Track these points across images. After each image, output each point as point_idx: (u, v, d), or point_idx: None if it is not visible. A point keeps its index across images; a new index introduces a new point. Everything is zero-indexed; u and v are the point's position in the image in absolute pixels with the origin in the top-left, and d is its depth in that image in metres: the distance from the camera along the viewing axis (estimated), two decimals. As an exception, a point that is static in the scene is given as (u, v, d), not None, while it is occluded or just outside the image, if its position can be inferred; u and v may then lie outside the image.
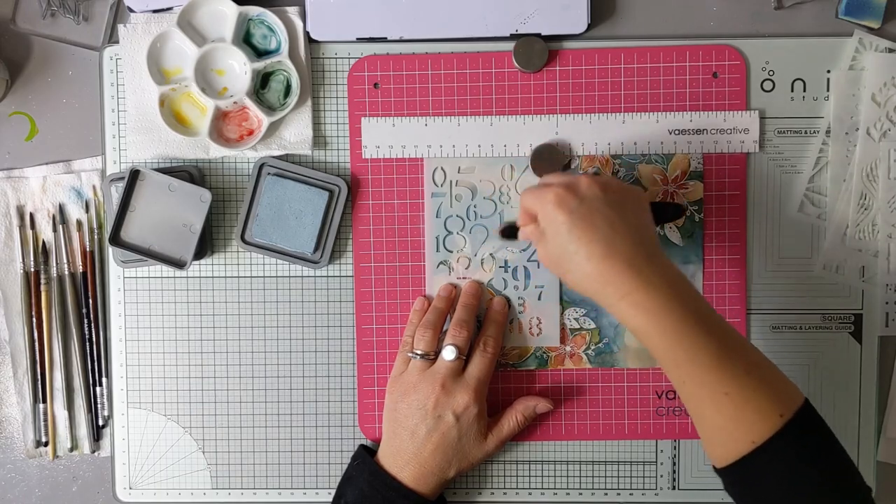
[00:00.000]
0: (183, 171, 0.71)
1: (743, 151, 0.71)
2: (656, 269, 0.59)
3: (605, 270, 0.58)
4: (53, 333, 0.74)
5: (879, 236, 0.72)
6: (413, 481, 0.68)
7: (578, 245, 0.59)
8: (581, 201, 0.60)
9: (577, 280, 0.60)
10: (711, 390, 0.57)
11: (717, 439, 0.59)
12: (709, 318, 0.59)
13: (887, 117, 0.71)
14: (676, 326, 0.58)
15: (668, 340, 0.58)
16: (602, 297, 0.60)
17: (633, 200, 0.62)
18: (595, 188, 0.60)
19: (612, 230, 0.59)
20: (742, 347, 0.59)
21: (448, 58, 0.72)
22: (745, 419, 0.57)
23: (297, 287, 0.73)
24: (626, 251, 0.59)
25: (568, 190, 0.60)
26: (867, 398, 0.73)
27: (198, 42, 0.70)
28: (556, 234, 0.60)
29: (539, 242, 0.62)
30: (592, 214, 0.59)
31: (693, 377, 0.58)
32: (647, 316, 0.58)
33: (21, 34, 0.73)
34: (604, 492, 0.74)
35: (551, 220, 0.60)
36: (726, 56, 0.71)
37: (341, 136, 0.73)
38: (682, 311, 0.58)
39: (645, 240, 0.60)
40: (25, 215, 0.74)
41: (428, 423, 0.68)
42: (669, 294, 0.58)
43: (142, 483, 0.74)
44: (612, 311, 0.60)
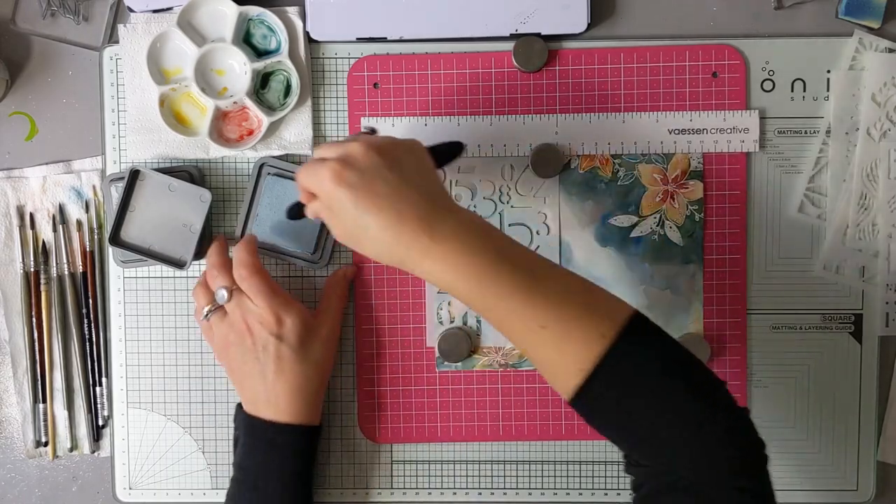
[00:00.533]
0: (183, 171, 0.71)
1: (743, 151, 0.71)
2: (448, 220, 0.58)
3: (401, 235, 0.57)
4: (53, 333, 0.74)
5: (879, 236, 0.72)
6: (287, 413, 0.67)
7: (368, 218, 0.57)
8: (360, 173, 0.58)
9: (378, 251, 0.59)
10: (529, 327, 0.56)
11: (552, 375, 0.57)
12: (513, 254, 0.58)
13: (887, 117, 0.71)
14: (479, 270, 0.56)
15: (474, 286, 0.57)
16: (407, 263, 0.58)
17: (411, 155, 0.60)
18: (371, 154, 0.58)
19: (397, 194, 0.57)
20: (553, 277, 0.58)
21: (448, 58, 0.72)
22: (570, 348, 0.55)
23: (297, 287, 0.73)
24: (416, 211, 0.57)
25: (344, 164, 0.58)
26: (867, 398, 0.73)
27: (198, 42, 0.70)
28: (342, 211, 0.58)
29: (330, 220, 0.60)
30: (374, 183, 0.57)
31: (509, 318, 0.57)
32: (450, 268, 0.57)
33: (21, 34, 0.73)
34: (604, 492, 0.74)
35: (334, 199, 0.58)
36: (726, 56, 0.71)
37: (341, 136, 0.73)
38: (483, 255, 0.57)
39: (433, 194, 0.59)
40: (25, 215, 0.74)
41: (260, 358, 0.66)
42: (466, 240, 0.57)
43: (142, 483, 0.74)
44: (421, 274, 0.58)
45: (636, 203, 0.72)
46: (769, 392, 0.73)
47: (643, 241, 0.72)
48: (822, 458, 0.73)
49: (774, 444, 0.73)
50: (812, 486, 0.73)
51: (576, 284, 0.58)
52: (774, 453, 0.73)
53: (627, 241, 0.72)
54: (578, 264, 0.72)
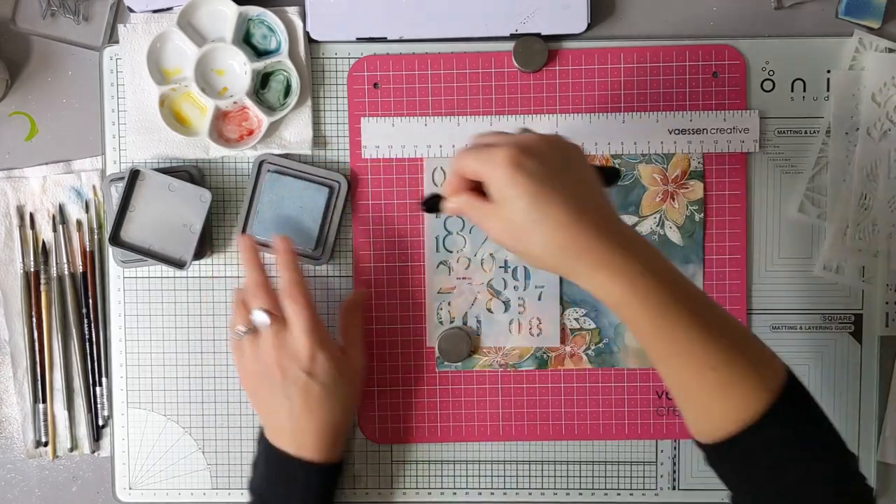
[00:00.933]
0: (183, 171, 0.71)
1: (743, 151, 0.71)
2: (627, 233, 0.54)
3: (577, 238, 0.52)
4: (53, 333, 0.74)
5: (879, 236, 0.72)
6: (311, 450, 0.65)
7: (545, 211, 0.52)
8: (541, 162, 0.52)
9: (543, 252, 0.53)
10: (699, 366, 0.53)
11: (704, 416, 0.55)
12: (689, 287, 0.54)
13: (887, 117, 0.71)
14: (659, 296, 0.52)
15: (651, 311, 0.52)
16: (575, 269, 0.53)
17: (583, 159, 0.56)
18: (550, 147, 0.53)
19: (578, 194, 0.53)
20: (725, 319, 0.55)
21: (448, 58, 0.72)
22: (733, 396, 0.53)
23: (297, 287, 0.73)
24: (595, 216, 0.53)
25: (522, 151, 0.52)
26: (867, 398, 0.73)
27: (198, 42, 0.70)
28: (515, 202, 0.52)
29: (487, 214, 0.55)
30: (556, 176, 0.52)
31: (679, 352, 0.53)
32: (627, 285, 0.52)
33: (21, 34, 0.73)
34: (604, 492, 0.74)
35: (509, 185, 0.52)
36: (726, 56, 0.71)
37: (341, 135, 0.73)
38: (665, 278, 0.53)
39: (606, 202, 0.55)
40: (25, 215, 0.74)
41: (288, 391, 0.64)
42: (650, 259, 0.53)
43: (142, 483, 0.74)
44: (586, 284, 0.54)
45: (636, 203, 0.72)
46: (769, 392, 0.73)
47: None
48: (822, 458, 0.73)
49: (774, 444, 0.73)
50: (812, 486, 0.73)
51: (744, 331, 0.56)
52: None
53: (627, 241, 0.72)
54: (578, 264, 0.72)
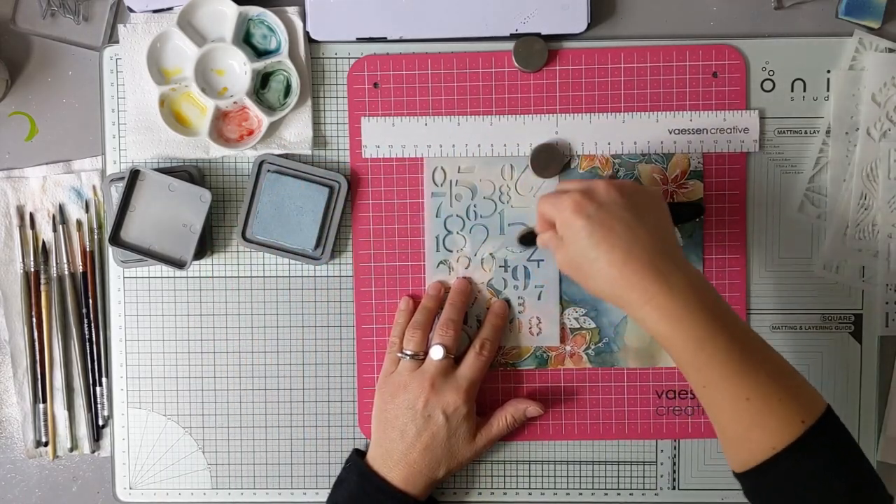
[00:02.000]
0: (183, 171, 0.71)
1: (743, 151, 0.71)
2: (678, 271, 0.58)
3: (628, 275, 0.58)
4: (53, 333, 0.74)
5: (879, 236, 0.72)
6: (402, 482, 0.68)
7: (599, 251, 0.59)
8: (599, 206, 0.60)
9: (599, 286, 0.60)
10: (733, 395, 0.57)
11: (737, 444, 0.58)
12: (731, 321, 0.58)
13: (887, 117, 0.71)
14: (700, 331, 0.57)
15: (691, 345, 0.57)
16: (625, 303, 0.59)
17: (652, 202, 0.62)
18: (613, 192, 0.60)
19: (631, 234, 0.59)
20: (764, 352, 0.59)
21: (448, 58, 0.72)
22: (767, 425, 0.56)
23: (297, 287, 0.73)
24: (647, 255, 0.58)
25: (585, 195, 0.60)
26: (867, 398, 0.73)
27: (198, 42, 0.70)
28: (575, 241, 0.60)
29: (557, 249, 0.62)
30: (611, 219, 0.59)
31: (714, 382, 0.57)
32: (671, 320, 0.57)
33: (21, 34, 0.73)
34: (604, 492, 0.74)
35: (570, 227, 0.60)
36: (726, 56, 0.71)
37: (341, 135, 0.73)
38: (706, 315, 0.57)
39: (665, 242, 0.60)
40: (25, 215, 0.74)
41: (417, 422, 0.68)
42: (692, 297, 0.58)
43: (142, 483, 0.74)
44: (635, 317, 0.59)
45: (636, 203, 0.72)
46: (769, 392, 0.73)
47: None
48: (822, 458, 0.73)
49: (774, 444, 0.73)
50: (812, 486, 0.73)
51: (783, 365, 0.59)
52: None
53: (627, 241, 0.72)
54: (578, 264, 0.72)
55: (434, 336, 0.70)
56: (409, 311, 0.71)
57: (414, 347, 0.69)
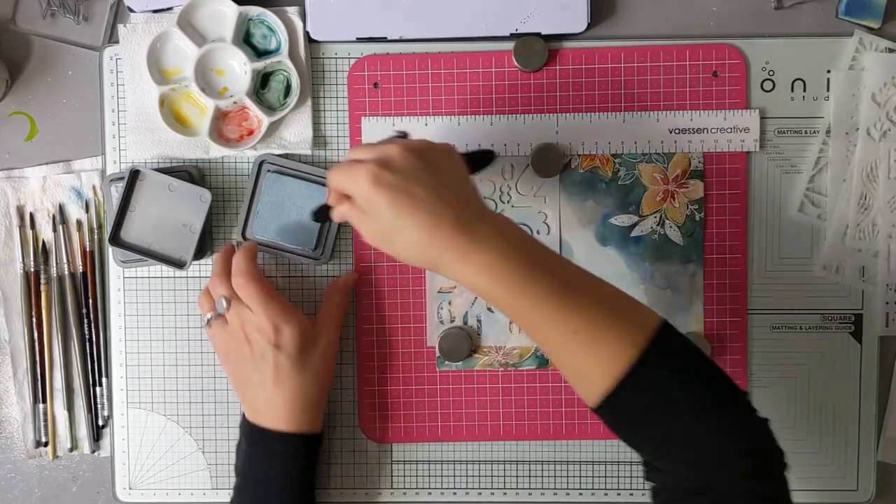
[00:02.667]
0: (183, 171, 0.71)
1: (743, 150, 0.71)
2: (486, 224, 0.58)
3: (438, 237, 0.57)
4: (53, 333, 0.74)
5: (879, 236, 0.72)
6: (286, 421, 0.67)
7: (405, 220, 0.57)
8: (398, 175, 0.58)
9: (411, 253, 0.59)
10: (562, 332, 0.56)
11: (581, 381, 0.58)
12: (549, 261, 0.58)
13: (887, 117, 0.71)
14: (515, 275, 0.56)
15: (510, 291, 0.57)
16: (441, 265, 0.58)
17: (447, 159, 0.61)
18: (410, 157, 0.58)
19: (435, 196, 0.58)
20: (586, 283, 0.58)
21: (448, 57, 0.72)
22: (601, 354, 0.56)
23: (297, 287, 0.73)
24: (454, 213, 0.57)
25: (382, 166, 0.58)
26: (867, 398, 0.73)
27: (198, 42, 0.70)
28: (378, 213, 0.58)
29: (361, 224, 0.60)
30: (413, 185, 0.58)
31: (542, 322, 0.57)
32: (486, 273, 0.57)
33: (21, 34, 0.73)
34: (604, 492, 0.74)
35: (370, 200, 0.58)
36: (726, 55, 0.71)
37: (341, 135, 0.73)
38: (519, 261, 0.57)
39: (469, 198, 0.59)
40: (25, 215, 0.74)
41: (259, 366, 0.66)
42: (504, 244, 0.57)
43: (142, 483, 0.74)
44: (455, 278, 0.58)
45: (636, 203, 0.72)
46: (769, 392, 0.73)
47: (643, 241, 0.72)
48: (822, 458, 0.73)
49: (775, 444, 0.73)
50: (812, 486, 0.73)
51: (608, 292, 0.58)
52: (774, 453, 0.73)
53: (628, 240, 0.72)
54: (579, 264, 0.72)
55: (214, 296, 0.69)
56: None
57: (208, 309, 0.69)
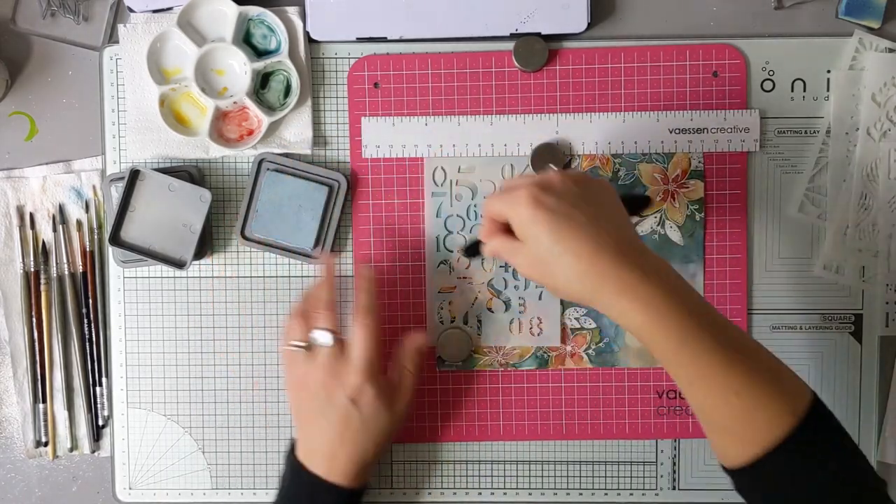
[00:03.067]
0: (183, 170, 0.71)
1: (743, 150, 0.72)
2: (650, 260, 0.56)
3: (599, 266, 0.55)
4: (53, 333, 0.74)
5: (879, 236, 0.72)
6: (333, 473, 0.65)
7: (566, 245, 0.55)
8: (559, 198, 0.56)
9: (567, 283, 0.56)
10: (721, 392, 0.54)
11: (728, 441, 0.56)
12: (709, 312, 0.56)
13: (887, 117, 0.71)
14: (681, 322, 0.54)
15: (673, 338, 0.54)
16: (598, 297, 0.55)
17: (604, 191, 0.59)
18: (568, 183, 0.57)
19: (597, 224, 0.55)
20: (747, 343, 0.56)
21: (448, 58, 0.72)
22: (757, 420, 0.54)
23: (297, 287, 0.73)
24: (616, 244, 0.55)
25: (542, 189, 0.56)
26: (867, 398, 0.73)
27: (198, 42, 0.70)
28: (537, 237, 0.56)
29: (515, 254, 0.58)
30: (573, 210, 0.56)
31: (701, 377, 0.54)
32: (649, 311, 0.54)
33: (21, 34, 0.73)
34: (604, 492, 0.74)
35: (530, 223, 0.56)
36: (726, 55, 0.71)
37: (341, 135, 0.73)
38: (684, 306, 0.54)
39: (629, 231, 0.57)
40: (25, 215, 0.74)
41: (329, 414, 0.64)
42: (668, 285, 0.55)
43: (142, 483, 0.74)
44: (610, 311, 0.56)
45: (636, 203, 0.72)
46: (769, 392, 0.73)
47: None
48: (822, 458, 0.73)
49: (775, 444, 0.72)
50: (812, 486, 0.73)
51: (766, 356, 0.56)
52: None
53: (627, 240, 0.72)
54: (578, 264, 0.72)
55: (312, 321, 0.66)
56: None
57: (299, 336, 0.66)
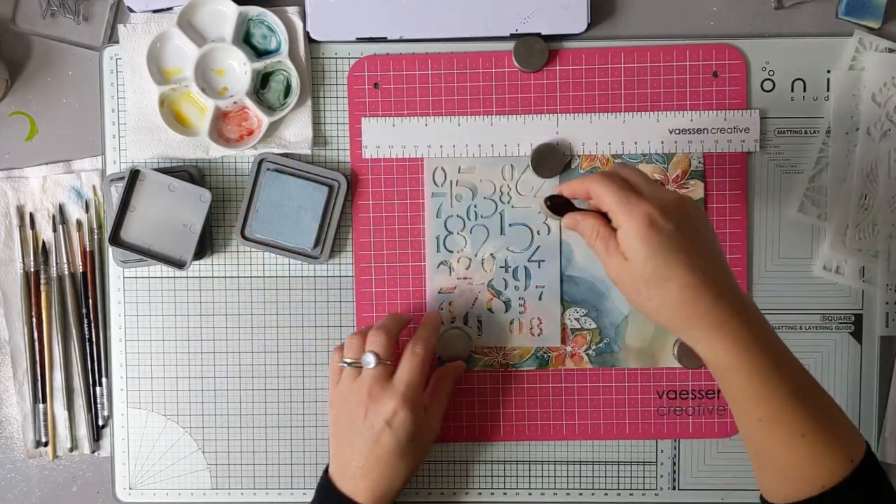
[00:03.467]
0: (183, 171, 0.71)
1: (743, 151, 0.72)
2: (740, 296, 0.58)
3: (701, 299, 0.56)
4: (53, 333, 0.74)
5: (879, 236, 0.72)
6: (362, 495, 0.65)
7: (674, 272, 0.56)
8: (676, 225, 0.57)
9: (662, 308, 0.57)
10: (789, 431, 0.56)
11: (782, 479, 0.58)
12: (786, 351, 0.58)
13: (887, 117, 0.71)
14: (764, 363, 0.56)
15: (757, 375, 0.56)
16: (689, 329, 0.57)
17: (706, 219, 0.60)
18: (686, 209, 0.58)
19: (703, 257, 0.57)
20: (817, 387, 0.58)
21: (448, 58, 0.72)
22: (818, 462, 0.56)
23: (297, 287, 0.73)
24: (720, 280, 0.57)
25: (661, 211, 0.57)
26: (867, 398, 0.73)
27: (198, 42, 0.70)
28: (647, 258, 0.56)
29: (611, 252, 0.59)
30: (688, 240, 0.57)
31: (773, 415, 0.56)
32: (741, 348, 0.56)
33: (21, 34, 0.73)
34: (604, 492, 0.74)
35: (641, 242, 0.57)
36: (726, 56, 0.71)
37: (341, 135, 0.73)
38: (768, 345, 0.57)
39: (725, 263, 0.59)
40: (25, 215, 0.74)
41: (363, 434, 0.65)
42: (761, 326, 0.57)
43: (142, 483, 0.74)
44: (695, 344, 0.58)
45: (636, 203, 0.72)
46: (769, 392, 0.73)
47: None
48: (822, 458, 0.73)
49: (775, 444, 0.72)
50: (812, 486, 0.73)
51: (830, 402, 0.58)
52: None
53: (627, 241, 0.72)
54: (579, 265, 0.72)
55: (366, 343, 0.67)
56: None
57: (352, 354, 0.67)
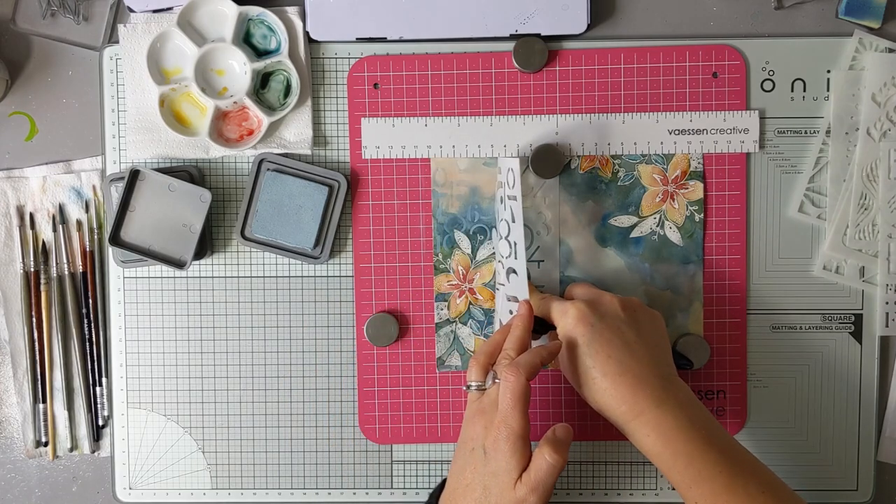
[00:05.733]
0: (183, 171, 0.71)
1: (743, 151, 0.71)
2: (669, 390, 0.60)
3: (619, 388, 0.60)
4: (53, 333, 0.74)
5: (879, 236, 0.72)
6: None
7: (595, 360, 0.61)
8: (601, 318, 0.62)
9: (591, 395, 0.61)
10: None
11: None
12: (721, 438, 0.60)
13: (887, 117, 0.71)
14: (689, 447, 0.58)
15: (680, 461, 0.59)
16: (615, 415, 0.60)
17: (652, 321, 0.64)
18: (615, 306, 0.63)
19: (627, 349, 0.61)
20: (753, 467, 0.60)
21: (448, 58, 0.72)
22: None
23: (297, 287, 0.73)
24: (641, 371, 0.60)
25: (590, 306, 0.62)
26: (867, 398, 0.73)
27: (198, 42, 0.70)
28: (574, 348, 0.62)
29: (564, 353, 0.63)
30: (610, 331, 0.61)
31: (706, 499, 0.58)
32: (659, 436, 0.59)
33: (21, 34, 0.73)
34: (604, 492, 0.74)
35: (571, 334, 0.62)
36: (726, 56, 0.71)
37: (341, 136, 0.73)
38: (695, 432, 0.59)
39: (660, 361, 0.62)
40: (25, 215, 0.74)
41: (466, 457, 0.61)
42: (681, 415, 0.59)
43: (142, 483, 0.74)
44: (625, 430, 0.61)
45: (636, 203, 0.72)
46: (769, 392, 0.73)
47: (643, 242, 0.72)
48: (821, 458, 0.73)
49: (774, 444, 0.73)
50: (812, 486, 0.73)
51: (769, 475, 0.60)
52: (774, 453, 0.73)
53: (627, 241, 0.72)
54: (579, 265, 0.72)
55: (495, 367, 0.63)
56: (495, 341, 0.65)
57: (474, 377, 0.63)
